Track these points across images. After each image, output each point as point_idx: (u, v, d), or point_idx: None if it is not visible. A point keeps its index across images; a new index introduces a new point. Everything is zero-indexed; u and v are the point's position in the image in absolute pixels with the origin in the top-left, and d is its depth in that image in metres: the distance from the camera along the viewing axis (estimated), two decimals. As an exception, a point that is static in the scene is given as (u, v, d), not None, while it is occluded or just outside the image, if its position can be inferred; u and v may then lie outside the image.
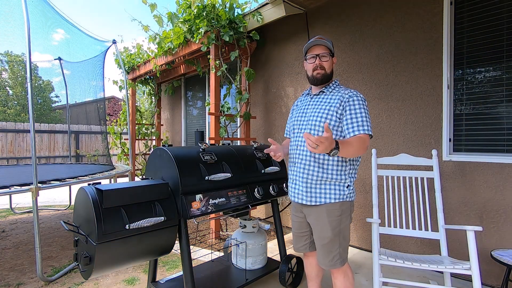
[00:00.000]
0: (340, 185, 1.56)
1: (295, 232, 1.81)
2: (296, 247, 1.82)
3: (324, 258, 1.59)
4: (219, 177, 1.86)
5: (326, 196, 1.56)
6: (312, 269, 1.85)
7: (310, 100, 1.70)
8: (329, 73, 1.64)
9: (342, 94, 1.57)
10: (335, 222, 1.55)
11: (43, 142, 9.88)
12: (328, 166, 1.55)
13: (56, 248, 3.28)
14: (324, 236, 1.57)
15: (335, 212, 1.55)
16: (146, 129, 6.11)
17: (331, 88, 1.65)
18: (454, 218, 2.46)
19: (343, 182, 1.56)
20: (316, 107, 1.62)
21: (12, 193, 2.46)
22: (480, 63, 2.39)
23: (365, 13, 3.01)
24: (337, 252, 1.57)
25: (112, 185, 1.59)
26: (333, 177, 1.55)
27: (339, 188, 1.56)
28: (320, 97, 1.65)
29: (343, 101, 1.53)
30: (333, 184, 1.56)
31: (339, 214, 1.55)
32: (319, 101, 1.64)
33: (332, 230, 1.55)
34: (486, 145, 2.36)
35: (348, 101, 1.52)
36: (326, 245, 1.57)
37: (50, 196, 6.49)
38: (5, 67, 14.52)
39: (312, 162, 1.57)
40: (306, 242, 1.77)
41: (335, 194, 1.55)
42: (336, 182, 1.56)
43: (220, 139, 3.57)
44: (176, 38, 3.90)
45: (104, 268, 1.47)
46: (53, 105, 15.78)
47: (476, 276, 1.70)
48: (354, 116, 1.50)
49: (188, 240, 1.75)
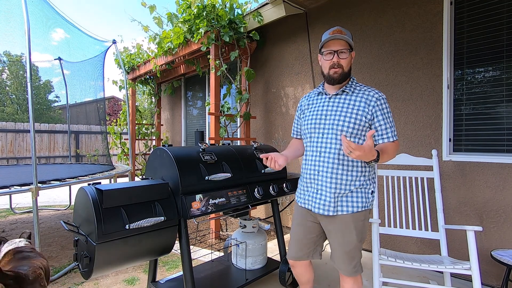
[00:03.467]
0: (366, 191, 1.49)
1: (298, 239, 1.64)
2: (296, 256, 1.65)
3: (348, 265, 1.49)
4: (219, 177, 1.86)
5: (354, 204, 1.47)
6: (303, 276, 1.73)
7: (328, 100, 1.54)
8: (347, 71, 1.50)
9: (367, 95, 1.46)
10: (360, 227, 1.48)
11: (43, 142, 9.88)
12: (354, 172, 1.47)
13: (56, 248, 3.28)
14: (349, 241, 1.47)
15: (360, 217, 1.48)
16: (146, 129, 6.11)
17: (353, 88, 1.51)
18: (454, 218, 2.46)
19: (368, 188, 1.50)
20: (339, 110, 1.47)
21: (12, 193, 2.46)
22: (480, 63, 2.39)
23: (365, 13, 3.01)
24: (359, 258, 1.51)
25: (112, 185, 1.59)
26: (360, 183, 1.47)
27: (366, 195, 1.49)
28: (342, 98, 1.50)
29: (370, 104, 1.43)
30: (360, 192, 1.48)
31: (363, 219, 1.49)
32: (341, 102, 1.49)
33: (357, 236, 1.47)
34: (486, 145, 2.36)
35: (377, 104, 1.43)
36: (350, 251, 1.48)
37: (50, 196, 6.49)
38: (4, 67, 14.52)
39: (340, 169, 1.46)
40: (310, 249, 1.63)
41: (362, 202, 1.47)
42: (363, 188, 1.48)
43: (220, 139, 3.57)
44: (176, 38, 3.90)
45: (104, 268, 1.47)
46: (53, 105, 15.79)
47: (476, 276, 1.70)
48: (387, 121, 1.43)
49: (188, 240, 1.75)
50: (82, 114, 6.45)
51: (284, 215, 3.80)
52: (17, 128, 9.47)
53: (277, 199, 2.36)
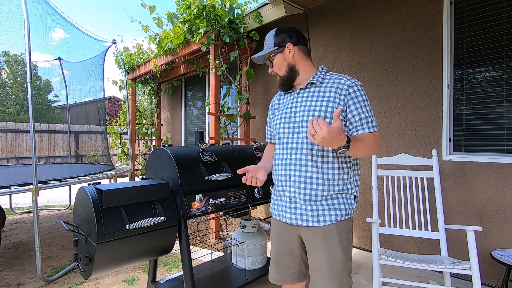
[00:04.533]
0: (348, 197, 1.29)
1: (279, 259, 1.40)
2: (278, 278, 1.40)
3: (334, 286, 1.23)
4: (219, 177, 1.86)
5: (337, 212, 1.26)
6: None
7: (296, 96, 1.37)
8: (284, 74, 1.35)
9: (337, 83, 1.27)
10: (345, 242, 1.26)
11: (43, 142, 9.88)
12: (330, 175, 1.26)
13: (56, 248, 3.28)
14: (335, 260, 1.24)
15: (344, 228, 1.27)
16: (146, 129, 6.11)
17: (321, 78, 1.33)
18: (454, 218, 2.46)
19: (350, 193, 1.29)
20: (308, 103, 1.30)
21: (12, 193, 2.46)
22: (480, 63, 2.39)
23: (365, 13, 3.01)
24: (347, 279, 1.26)
25: (112, 185, 1.59)
26: (339, 188, 1.27)
27: (348, 201, 1.28)
28: (311, 90, 1.33)
29: (341, 93, 1.25)
30: (341, 197, 1.28)
31: (347, 231, 1.28)
32: (310, 95, 1.32)
33: (344, 253, 1.25)
34: (486, 145, 2.36)
35: (348, 92, 1.24)
36: (336, 272, 1.23)
37: (50, 196, 6.49)
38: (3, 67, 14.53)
39: (315, 173, 1.25)
40: (295, 270, 1.38)
41: (345, 210, 1.27)
42: (343, 193, 1.28)
43: (220, 139, 3.57)
44: (176, 38, 3.90)
45: (104, 268, 1.47)
46: (52, 105, 15.79)
47: (476, 276, 1.70)
48: (361, 111, 1.23)
49: (188, 240, 1.75)
50: (82, 114, 6.46)
51: (284, 215, 3.79)
52: (17, 128, 9.47)
53: (277, 199, 2.35)
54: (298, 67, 1.35)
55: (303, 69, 1.35)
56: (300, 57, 1.35)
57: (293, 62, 1.35)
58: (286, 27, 1.38)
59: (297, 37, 1.36)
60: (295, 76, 1.36)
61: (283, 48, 1.34)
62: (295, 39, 1.35)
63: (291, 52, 1.34)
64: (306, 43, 1.39)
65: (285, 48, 1.34)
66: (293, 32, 1.36)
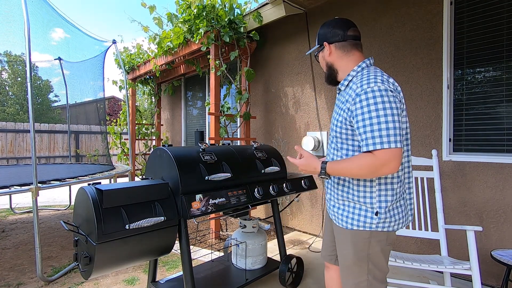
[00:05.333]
0: (367, 210, 1.20)
1: (326, 236, 1.56)
2: (322, 254, 1.58)
3: (346, 282, 1.28)
4: (219, 177, 1.86)
5: (348, 220, 1.24)
6: (333, 285, 1.57)
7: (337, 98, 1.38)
8: (325, 72, 1.36)
9: (352, 90, 1.18)
10: (360, 245, 1.22)
11: (43, 142, 9.88)
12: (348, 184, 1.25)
13: (56, 248, 3.28)
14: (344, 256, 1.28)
15: (363, 235, 1.22)
16: (146, 129, 6.11)
17: (347, 82, 1.25)
18: (454, 218, 2.46)
19: (370, 207, 1.20)
20: (334, 110, 1.33)
21: (12, 193, 2.46)
22: (480, 63, 2.39)
23: (365, 13, 3.01)
24: (365, 279, 1.23)
25: (112, 185, 1.59)
26: (354, 198, 1.23)
27: (365, 213, 1.20)
28: (340, 95, 1.32)
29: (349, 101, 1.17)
30: (358, 208, 1.22)
31: (368, 237, 1.22)
32: (337, 100, 1.33)
33: (355, 253, 1.23)
34: (486, 145, 2.36)
35: (355, 101, 1.12)
36: (348, 268, 1.27)
37: (50, 196, 6.49)
38: (4, 67, 14.53)
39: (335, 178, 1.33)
40: (333, 254, 1.51)
41: (359, 221, 1.21)
42: (361, 204, 1.22)
43: (220, 139, 3.57)
44: (176, 38, 3.90)
45: (104, 268, 1.47)
46: (52, 105, 15.80)
47: (476, 276, 1.70)
48: (363, 124, 1.09)
49: (188, 240, 1.75)
50: (82, 114, 6.46)
51: (284, 215, 3.80)
52: (17, 128, 9.47)
53: (277, 199, 2.35)
54: (337, 66, 1.30)
55: (341, 67, 1.29)
56: (337, 55, 1.28)
57: (331, 61, 1.31)
58: (327, 22, 1.31)
59: (333, 34, 1.27)
60: (334, 74, 1.33)
61: (322, 47, 1.32)
62: (330, 36, 1.28)
63: (328, 50, 1.29)
64: (344, 38, 1.26)
65: (324, 47, 1.31)
66: (331, 26, 1.28)
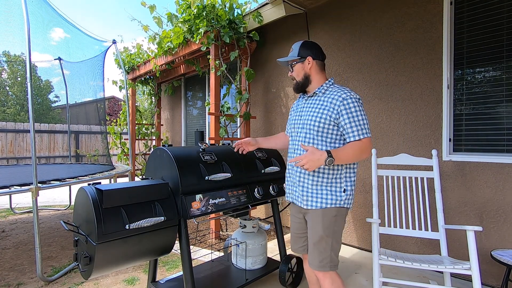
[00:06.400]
0: (336, 190, 1.53)
1: (294, 233, 1.77)
2: (294, 248, 1.78)
3: (314, 258, 1.55)
4: (219, 177, 1.86)
5: (322, 200, 1.53)
6: (312, 274, 1.77)
7: (304, 102, 1.67)
8: (300, 80, 1.63)
9: (334, 95, 1.52)
10: (328, 222, 1.52)
11: (43, 142, 9.88)
12: (322, 169, 1.54)
13: (56, 248, 3.28)
14: (314, 233, 1.54)
15: (331, 212, 1.52)
16: (146, 129, 6.11)
17: (324, 89, 1.60)
18: (454, 218, 2.46)
19: (339, 186, 1.53)
20: (309, 110, 1.59)
21: (12, 193, 2.46)
22: (480, 63, 2.39)
23: (365, 13, 3.01)
24: (328, 255, 1.52)
25: (112, 185, 1.59)
26: (328, 181, 1.53)
27: (335, 193, 1.53)
28: (314, 99, 1.61)
29: (336, 104, 1.49)
30: (329, 189, 1.53)
31: (334, 215, 1.52)
32: (312, 103, 1.61)
33: (324, 229, 1.51)
34: (486, 145, 2.36)
35: (343, 104, 1.47)
36: (317, 244, 1.54)
37: (50, 196, 6.49)
38: (4, 67, 14.53)
39: None
40: (304, 244, 1.72)
41: (331, 200, 1.52)
42: (332, 186, 1.53)
43: (220, 139, 3.57)
44: (176, 38, 3.90)
45: (104, 268, 1.47)
46: (52, 105, 15.79)
47: (476, 276, 1.70)
48: (352, 120, 1.46)
49: (188, 240, 1.75)
50: (82, 114, 6.45)
51: (284, 215, 3.80)
52: (17, 128, 9.47)
53: (277, 199, 2.36)
54: (312, 77, 1.62)
55: (315, 79, 1.62)
56: (315, 69, 1.62)
57: (309, 73, 1.62)
58: (310, 42, 1.66)
59: (317, 53, 1.63)
60: (307, 84, 1.64)
61: (304, 59, 1.61)
62: (315, 54, 1.62)
63: (310, 64, 1.61)
64: (323, 59, 1.66)
65: (306, 60, 1.61)
66: (315, 48, 1.64)
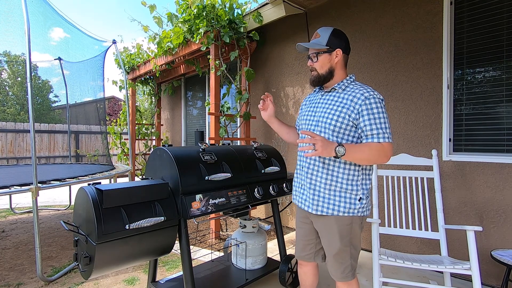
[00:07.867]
0: (351, 197, 1.41)
1: (300, 239, 1.65)
2: (299, 255, 1.67)
3: (336, 270, 1.46)
4: (219, 177, 1.86)
5: (335, 208, 1.41)
6: (307, 278, 1.71)
7: (320, 97, 1.53)
8: (323, 73, 1.47)
9: (356, 93, 1.38)
10: (344, 232, 1.42)
11: (43, 142, 9.88)
12: (336, 173, 1.42)
13: (56, 248, 3.28)
14: (332, 245, 1.44)
15: (346, 221, 1.41)
16: (146, 129, 6.11)
17: (344, 85, 1.45)
18: (454, 218, 2.46)
19: (354, 194, 1.41)
20: (326, 107, 1.45)
21: (12, 193, 2.46)
22: (480, 63, 2.39)
23: (365, 13, 3.01)
24: (349, 263, 1.45)
25: (112, 185, 1.59)
26: (343, 186, 1.41)
27: (350, 200, 1.41)
28: (332, 95, 1.47)
29: (357, 102, 1.36)
30: (343, 195, 1.41)
31: (349, 223, 1.42)
32: (330, 99, 1.47)
33: (341, 240, 1.41)
34: (486, 145, 2.36)
35: (365, 103, 1.34)
36: (336, 255, 1.45)
37: (50, 196, 6.49)
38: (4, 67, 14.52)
39: (320, 167, 1.44)
40: (311, 251, 1.62)
41: (345, 208, 1.40)
42: (347, 192, 1.41)
43: (220, 139, 3.57)
44: (176, 38, 3.90)
45: (104, 268, 1.47)
46: (52, 105, 15.78)
47: (476, 276, 1.70)
48: (373, 122, 1.33)
49: (188, 240, 1.75)
50: (82, 114, 6.45)
51: (284, 215, 3.80)
52: (17, 128, 9.47)
53: (277, 199, 2.36)
54: (336, 72, 1.47)
55: (338, 74, 1.48)
56: (341, 64, 1.47)
57: (334, 66, 1.47)
58: (341, 32, 1.48)
59: (346, 46, 1.47)
60: (330, 78, 1.48)
61: (332, 51, 1.45)
62: (344, 47, 1.46)
63: (337, 57, 1.45)
64: (349, 53, 1.51)
65: (334, 52, 1.45)
66: (345, 39, 1.47)
